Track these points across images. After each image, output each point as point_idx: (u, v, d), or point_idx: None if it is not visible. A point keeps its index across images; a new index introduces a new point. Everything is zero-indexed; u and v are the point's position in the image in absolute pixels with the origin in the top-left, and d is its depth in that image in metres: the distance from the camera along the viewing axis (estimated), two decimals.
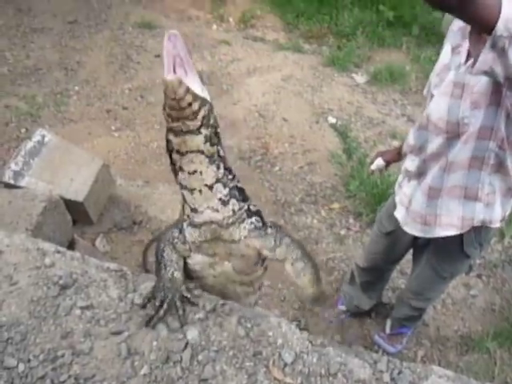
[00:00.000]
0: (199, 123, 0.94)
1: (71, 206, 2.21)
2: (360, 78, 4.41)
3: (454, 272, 1.68)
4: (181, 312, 1.04)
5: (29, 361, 0.89)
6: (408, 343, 2.16)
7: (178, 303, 1.06)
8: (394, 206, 1.62)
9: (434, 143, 1.35)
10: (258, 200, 2.91)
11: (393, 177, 2.73)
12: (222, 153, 1.05)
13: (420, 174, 1.44)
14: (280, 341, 0.98)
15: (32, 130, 3.40)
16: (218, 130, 1.03)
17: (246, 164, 3.22)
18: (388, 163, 1.85)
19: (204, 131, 0.96)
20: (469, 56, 1.23)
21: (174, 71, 0.87)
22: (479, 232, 1.47)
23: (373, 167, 1.87)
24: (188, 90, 0.88)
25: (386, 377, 0.97)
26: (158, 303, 1.03)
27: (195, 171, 1.02)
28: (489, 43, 0.88)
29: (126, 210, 2.60)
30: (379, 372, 0.98)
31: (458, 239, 1.49)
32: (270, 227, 1.19)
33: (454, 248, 1.54)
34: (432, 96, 1.36)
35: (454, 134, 1.28)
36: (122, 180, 2.80)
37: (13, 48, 4.28)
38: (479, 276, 2.51)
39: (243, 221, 1.13)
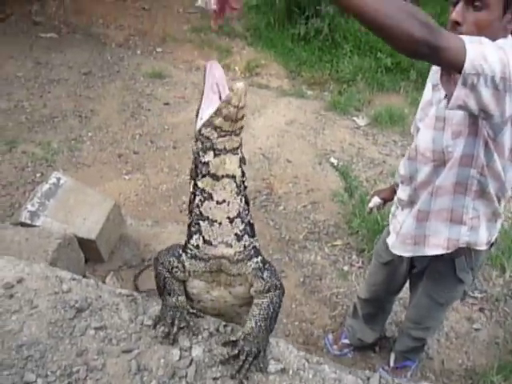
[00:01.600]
0: (240, 141, 0.98)
1: (84, 244, 2.33)
2: (361, 121, 4.59)
3: (449, 298, 1.74)
4: (192, 323, 1.13)
5: (46, 376, 0.97)
6: (413, 376, 2.17)
7: (188, 318, 1.14)
8: (388, 234, 1.71)
9: (423, 172, 1.46)
10: (264, 238, 3.00)
11: None
12: (246, 183, 1.09)
13: (411, 202, 1.54)
14: (279, 358, 1.05)
15: (47, 175, 3.58)
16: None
17: (252, 204, 3.33)
18: (385, 201, 1.95)
19: (240, 152, 1.00)
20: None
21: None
22: (470, 256, 1.55)
23: (370, 205, 1.98)
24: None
25: None
26: (169, 321, 1.12)
27: (224, 201, 1.03)
28: (460, 81, 1.00)
29: (136, 248, 2.70)
30: None
31: (451, 264, 1.57)
32: (267, 270, 1.19)
33: (447, 273, 1.61)
34: (418, 129, 1.49)
35: (440, 161, 1.39)
36: (133, 220, 2.91)
37: (31, 98, 4.55)
38: (482, 310, 2.55)
39: (250, 258, 1.15)
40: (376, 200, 1.95)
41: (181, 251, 1.16)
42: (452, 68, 1.02)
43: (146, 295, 1.28)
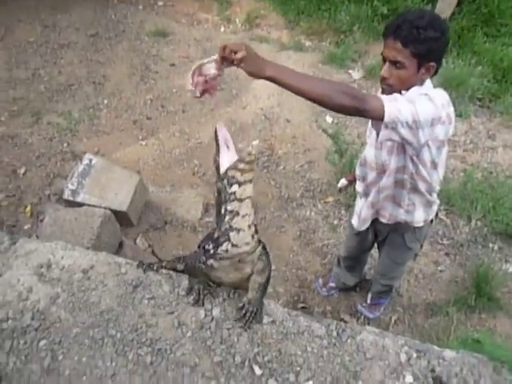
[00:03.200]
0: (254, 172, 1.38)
1: (117, 214, 2.84)
2: (356, 74, 4.86)
3: (403, 259, 2.29)
4: (212, 290, 1.63)
5: (122, 331, 1.52)
6: (385, 310, 2.76)
7: (209, 288, 1.64)
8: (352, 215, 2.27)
9: (371, 175, 1.96)
10: (266, 196, 3.50)
11: None
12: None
13: (366, 194, 2.07)
14: (270, 313, 1.59)
15: (72, 143, 4.03)
16: None
17: (255, 165, 3.79)
18: (350, 182, 2.47)
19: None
20: None
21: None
22: (414, 232, 2.07)
23: (339, 185, 2.49)
24: None
25: (334, 333, 1.57)
26: (196, 291, 1.62)
27: (246, 214, 1.40)
28: (383, 125, 1.43)
29: (159, 212, 3.22)
30: (330, 330, 1.57)
31: (402, 238, 2.11)
32: (265, 253, 1.59)
33: (400, 243, 2.15)
34: (366, 143, 1.96)
35: (381, 170, 1.88)
36: (154, 187, 3.40)
37: (45, 65, 4.86)
38: (447, 254, 3.08)
39: (257, 247, 1.54)
40: (343, 181, 2.47)
41: (205, 258, 1.53)
42: (377, 120, 1.45)
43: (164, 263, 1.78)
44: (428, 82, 1.66)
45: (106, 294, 1.63)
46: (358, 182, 2.13)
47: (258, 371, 1.46)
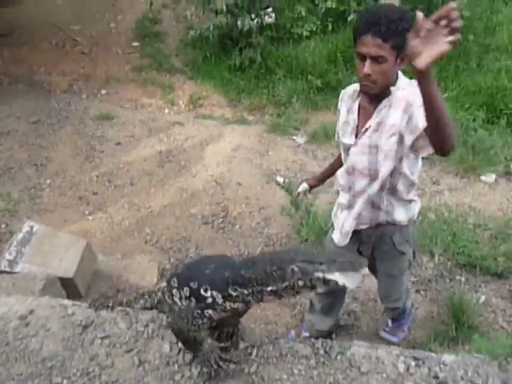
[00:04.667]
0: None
1: (63, 282, 2.55)
2: (300, 139, 5.03)
3: (399, 270, 2.19)
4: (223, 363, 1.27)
5: (69, 377, 1.24)
6: (409, 330, 2.68)
7: (222, 355, 1.29)
8: (332, 232, 2.16)
9: (360, 184, 1.92)
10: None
11: None
12: None
13: (350, 205, 2.00)
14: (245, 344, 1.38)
15: (11, 224, 3.75)
16: None
17: (210, 227, 3.66)
18: (311, 187, 2.39)
19: None
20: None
21: None
22: (401, 231, 2.02)
23: (299, 190, 2.40)
24: None
25: (321, 351, 1.37)
26: (210, 364, 1.26)
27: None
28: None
29: (110, 281, 2.94)
30: (316, 348, 1.38)
31: (391, 242, 2.04)
32: None
33: (390, 250, 2.06)
34: (348, 150, 1.93)
35: (374, 176, 1.86)
36: (103, 256, 3.15)
37: None
38: (418, 291, 2.98)
39: None
40: (304, 185, 2.37)
41: (200, 311, 1.28)
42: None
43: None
44: (400, 74, 1.75)
45: (48, 339, 1.36)
46: (341, 194, 2.06)
47: None
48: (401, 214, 1.97)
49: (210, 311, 1.27)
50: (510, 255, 3.13)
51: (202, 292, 1.27)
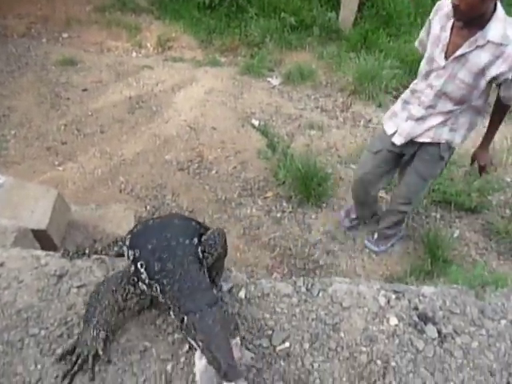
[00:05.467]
0: None
1: (36, 235, 2.47)
2: (275, 81, 4.89)
3: (432, 173, 2.41)
4: (90, 367, 1.14)
5: (47, 328, 1.21)
6: (393, 245, 2.89)
7: (91, 360, 1.15)
8: (384, 132, 2.38)
9: (444, 106, 2.12)
10: (202, 202, 3.29)
11: (311, 161, 3.21)
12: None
13: (422, 119, 2.20)
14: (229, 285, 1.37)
15: None
16: None
17: (186, 173, 3.58)
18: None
19: None
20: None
21: None
22: (448, 147, 2.28)
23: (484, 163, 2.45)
24: None
25: (303, 289, 1.37)
26: (74, 358, 1.15)
27: None
28: None
29: (85, 231, 2.87)
30: (298, 287, 1.38)
31: (437, 147, 2.26)
32: None
33: (433, 152, 2.29)
34: (436, 68, 2.04)
35: (459, 102, 2.07)
36: (77, 206, 3.06)
37: None
38: None
39: None
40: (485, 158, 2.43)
41: (135, 280, 1.22)
42: None
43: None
44: (499, 6, 1.81)
45: (22, 290, 1.31)
46: (414, 107, 2.22)
47: None
48: (460, 137, 2.22)
49: (144, 287, 1.21)
50: (483, 191, 3.19)
51: (139, 266, 1.21)
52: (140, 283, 1.21)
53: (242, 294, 1.34)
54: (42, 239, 2.54)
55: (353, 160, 3.64)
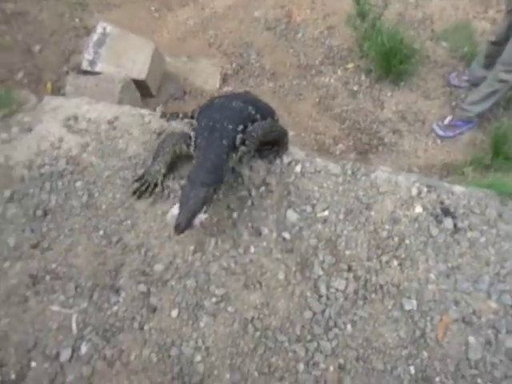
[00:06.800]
0: None
1: (136, 83, 2.86)
2: None
3: None
4: (150, 190, 1.61)
5: (149, 170, 1.65)
6: (461, 134, 2.96)
7: (152, 186, 1.61)
8: None
9: None
10: (284, 65, 3.43)
11: (399, 37, 3.14)
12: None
13: None
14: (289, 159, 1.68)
15: (84, 18, 3.92)
16: None
17: (272, 33, 3.65)
18: None
19: None
20: None
21: None
22: None
23: None
24: None
25: (349, 171, 1.65)
26: (142, 181, 1.61)
27: None
28: None
29: (177, 82, 3.22)
30: (345, 169, 1.66)
31: None
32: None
33: None
34: None
35: None
36: (170, 58, 3.36)
37: None
38: None
39: None
40: None
41: (188, 142, 1.58)
42: None
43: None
44: None
45: (132, 141, 1.72)
46: None
47: None
48: None
49: (191, 150, 1.59)
50: None
51: (192, 134, 1.57)
52: (190, 147, 1.57)
53: (298, 168, 1.65)
54: (142, 88, 2.94)
55: (446, 37, 3.46)
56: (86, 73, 2.89)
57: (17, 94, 1.88)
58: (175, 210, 1.36)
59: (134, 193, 1.61)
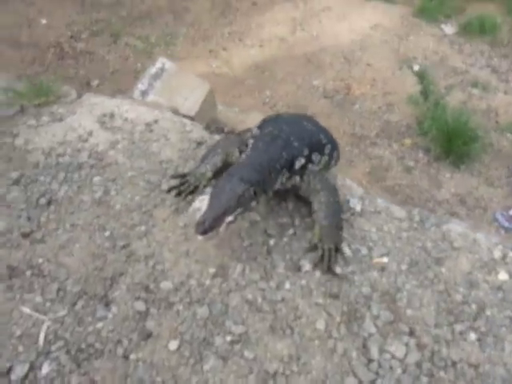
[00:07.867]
0: None
1: None
2: (449, 29, 4.47)
3: None
4: (187, 192, 1.34)
5: (179, 176, 1.40)
6: None
7: (192, 188, 1.35)
8: None
9: None
10: (337, 132, 3.27)
11: (463, 118, 2.96)
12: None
13: None
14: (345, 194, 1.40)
15: (146, 63, 4.00)
16: None
17: (329, 102, 3.57)
18: None
19: None
20: None
21: None
22: None
23: None
24: None
25: (416, 218, 1.35)
26: (182, 181, 1.37)
27: None
28: None
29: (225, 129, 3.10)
30: (412, 215, 1.36)
31: None
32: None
33: None
34: None
35: None
36: (222, 107, 3.28)
37: None
38: None
39: None
40: None
41: (242, 149, 1.35)
42: None
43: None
44: None
45: (167, 146, 1.51)
46: None
47: None
48: None
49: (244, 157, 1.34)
50: None
51: (250, 140, 1.33)
52: (243, 154, 1.32)
53: (353, 204, 1.37)
54: None
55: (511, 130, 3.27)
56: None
57: (57, 86, 1.75)
58: (198, 204, 1.09)
59: (169, 190, 1.37)
